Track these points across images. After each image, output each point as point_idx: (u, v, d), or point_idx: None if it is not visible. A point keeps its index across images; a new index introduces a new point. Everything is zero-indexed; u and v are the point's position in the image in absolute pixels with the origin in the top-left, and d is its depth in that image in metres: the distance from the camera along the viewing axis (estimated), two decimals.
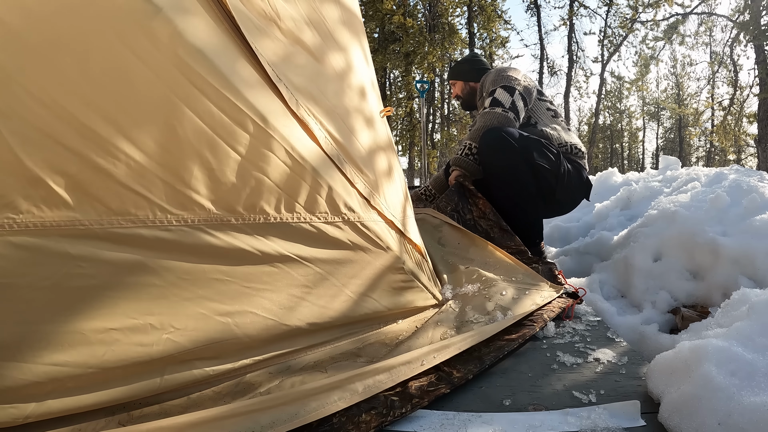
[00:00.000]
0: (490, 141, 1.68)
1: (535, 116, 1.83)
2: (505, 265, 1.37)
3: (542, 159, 1.67)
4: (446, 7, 11.96)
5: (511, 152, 1.64)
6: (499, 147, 1.66)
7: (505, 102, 1.75)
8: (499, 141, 1.65)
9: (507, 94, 1.76)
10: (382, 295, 1.02)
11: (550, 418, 0.70)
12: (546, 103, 1.87)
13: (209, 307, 0.77)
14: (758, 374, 0.62)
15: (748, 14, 10.33)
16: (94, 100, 0.69)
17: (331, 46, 1.06)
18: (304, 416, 0.66)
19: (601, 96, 14.55)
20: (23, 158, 0.64)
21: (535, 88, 1.87)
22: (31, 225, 0.64)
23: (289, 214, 0.88)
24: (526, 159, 1.65)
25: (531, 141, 1.68)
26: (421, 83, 7.79)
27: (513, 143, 1.64)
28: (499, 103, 1.75)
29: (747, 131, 12.55)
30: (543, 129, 1.78)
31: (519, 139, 1.65)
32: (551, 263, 1.43)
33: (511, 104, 1.75)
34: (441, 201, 1.79)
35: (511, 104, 1.75)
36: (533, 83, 1.88)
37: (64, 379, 0.65)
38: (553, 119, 1.85)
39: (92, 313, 0.68)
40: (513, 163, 1.65)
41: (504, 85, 1.78)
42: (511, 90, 1.76)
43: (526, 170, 1.66)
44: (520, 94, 1.77)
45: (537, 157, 1.66)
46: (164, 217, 0.74)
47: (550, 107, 1.87)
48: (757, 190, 1.61)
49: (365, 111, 1.13)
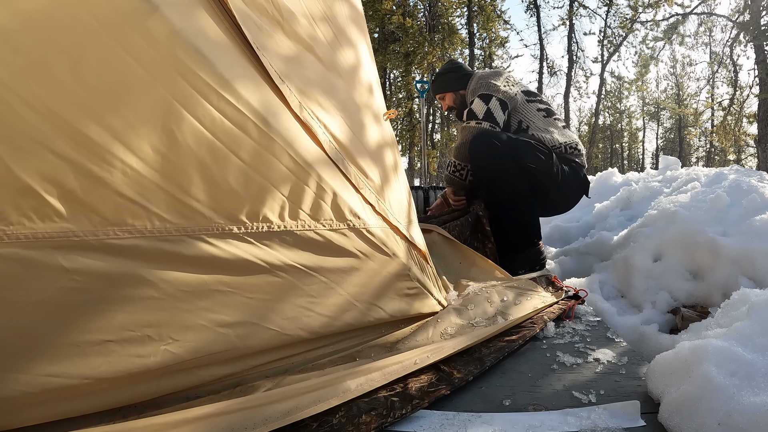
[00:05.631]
0: (479, 147, 1.70)
1: (526, 120, 1.82)
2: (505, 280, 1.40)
3: (532, 160, 1.68)
4: (446, 7, 11.95)
5: (500, 156, 1.65)
6: (488, 152, 1.67)
7: (479, 112, 1.76)
8: (487, 146, 1.67)
9: (482, 103, 1.77)
10: (389, 303, 1.00)
11: (550, 418, 0.70)
12: (536, 104, 1.85)
13: (209, 318, 0.75)
14: (758, 374, 0.62)
15: (748, 14, 10.33)
16: (87, 105, 0.66)
17: (343, 41, 1.04)
18: (297, 414, 0.65)
19: (601, 96, 14.54)
20: (13, 167, 0.61)
21: (520, 92, 1.85)
22: (23, 237, 0.62)
23: (294, 222, 0.85)
24: (516, 161, 1.66)
25: (520, 143, 1.69)
26: (421, 83, 7.78)
27: (501, 147, 1.65)
28: (473, 115, 1.78)
29: (747, 131, 12.55)
30: (534, 133, 1.78)
31: (507, 141, 1.66)
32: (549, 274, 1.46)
33: (486, 113, 1.75)
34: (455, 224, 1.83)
35: (486, 113, 1.75)
36: (517, 87, 1.85)
37: (59, 390, 0.64)
38: (546, 119, 1.83)
39: (88, 326, 0.66)
40: (503, 167, 1.67)
41: (481, 94, 1.79)
42: (486, 98, 1.77)
43: (517, 172, 1.67)
44: (498, 100, 1.76)
45: (527, 159, 1.67)
46: (163, 226, 0.71)
47: (540, 107, 1.85)
48: (757, 190, 1.61)
49: (373, 109, 1.12)
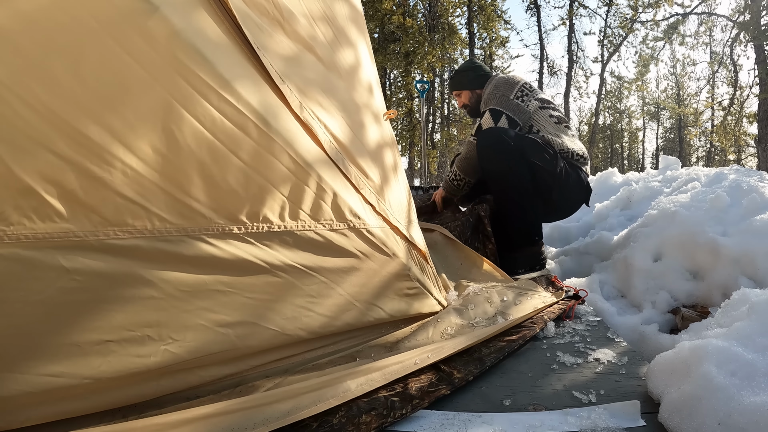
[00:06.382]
0: (488, 142, 1.71)
1: (537, 125, 1.84)
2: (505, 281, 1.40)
3: (539, 158, 1.69)
4: (446, 7, 11.95)
5: (508, 152, 1.66)
6: (496, 148, 1.69)
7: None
8: (496, 142, 1.69)
9: (491, 121, 1.79)
10: (389, 303, 1.00)
11: (550, 418, 0.70)
12: (548, 111, 1.86)
13: (209, 318, 0.75)
14: (758, 374, 0.62)
15: (748, 14, 10.33)
16: (87, 105, 0.66)
17: (343, 41, 1.05)
18: (297, 414, 0.66)
19: (601, 96, 14.55)
20: (13, 167, 0.61)
21: (534, 99, 1.84)
22: (23, 237, 0.62)
23: (294, 222, 0.85)
24: (523, 158, 1.67)
25: (527, 141, 1.70)
26: (421, 83, 7.79)
27: (510, 143, 1.66)
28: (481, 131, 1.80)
29: (747, 131, 12.54)
30: (544, 136, 1.79)
31: (516, 139, 1.68)
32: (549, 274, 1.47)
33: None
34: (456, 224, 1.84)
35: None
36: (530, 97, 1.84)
37: (59, 389, 0.64)
38: (557, 126, 1.85)
39: (88, 326, 0.66)
40: (510, 164, 1.67)
41: (492, 109, 1.81)
42: (497, 114, 1.79)
43: (523, 170, 1.68)
44: (507, 118, 1.78)
45: (534, 157, 1.68)
46: (163, 227, 0.71)
47: (553, 114, 1.86)
48: (757, 190, 1.61)
49: (373, 109, 1.12)
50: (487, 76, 2.00)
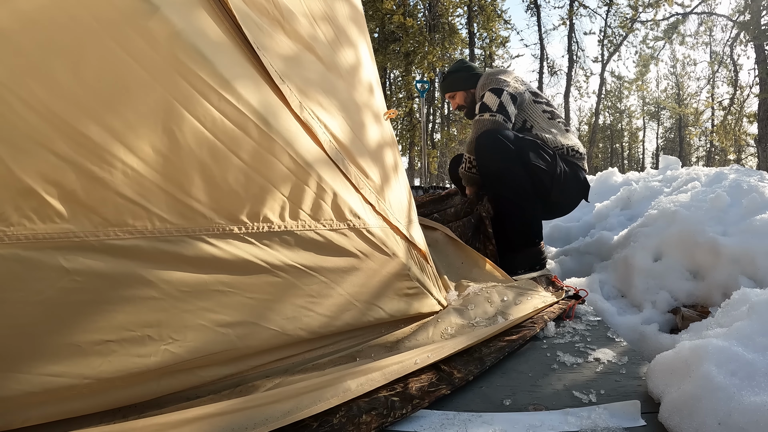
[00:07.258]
0: (486, 143, 1.71)
1: (530, 120, 1.84)
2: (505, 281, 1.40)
3: (538, 160, 1.69)
4: (446, 7, 11.95)
5: (507, 153, 1.66)
6: (494, 149, 1.68)
7: (492, 105, 1.76)
8: (494, 143, 1.68)
9: (494, 96, 1.77)
10: (388, 303, 1.00)
11: (550, 418, 0.70)
12: (542, 105, 1.87)
13: (210, 318, 0.75)
14: (758, 374, 0.62)
15: (749, 14, 10.33)
16: (88, 106, 0.66)
17: (343, 41, 1.05)
18: (297, 413, 0.66)
19: (601, 96, 14.54)
20: (14, 168, 0.61)
21: (528, 91, 1.86)
22: (23, 237, 0.62)
23: (294, 222, 0.86)
24: (522, 160, 1.67)
25: (526, 142, 1.70)
26: (421, 83, 7.78)
27: (508, 145, 1.66)
28: (486, 108, 1.77)
29: (747, 131, 12.54)
30: (538, 133, 1.79)
31: (514, 140, 1.68)
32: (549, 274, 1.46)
33: (499, 106, 1.76)
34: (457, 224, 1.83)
35: (499, 106, 1.76)
36: (524, 86, 1.87)
37: (59, 389, 0.64)
38: (550, 121, 1.85)
39: (88, 326, 0.66)
40: (508, 165, 1.67)
41: (492, 88, 1.79)
42: (498, 91, 1.77)
43: (521, 171, 1.68)
44: (509, 95, 1.77)
45: (532, 158, 1.68)
46: (164, 227, 0.71)
47: (546, 109, 1.87)
48: (757, 189, 1.61)
49: (373, 109, 1.12)
50: (479, 75, 1.99)
